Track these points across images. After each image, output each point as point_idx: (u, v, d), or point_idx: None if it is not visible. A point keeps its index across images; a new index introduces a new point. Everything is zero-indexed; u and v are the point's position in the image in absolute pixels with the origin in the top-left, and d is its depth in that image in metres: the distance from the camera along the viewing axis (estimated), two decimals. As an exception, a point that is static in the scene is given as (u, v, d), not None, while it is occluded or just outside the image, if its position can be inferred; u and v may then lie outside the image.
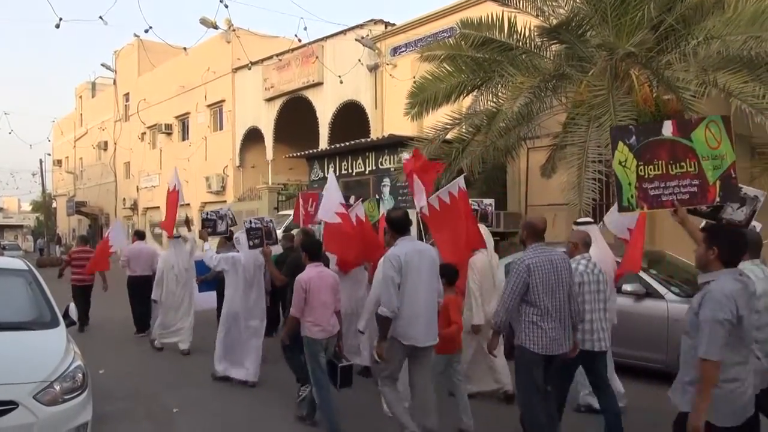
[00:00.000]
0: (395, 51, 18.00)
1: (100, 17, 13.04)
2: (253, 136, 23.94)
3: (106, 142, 35.10)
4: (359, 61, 18.14)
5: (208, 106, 26.21)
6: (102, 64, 30.75)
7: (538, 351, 4.10)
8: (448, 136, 11.16)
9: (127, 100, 33.13)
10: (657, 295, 6.65)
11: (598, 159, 8.35)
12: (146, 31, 13.32)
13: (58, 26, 11.76)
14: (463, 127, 11.04)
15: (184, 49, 16.24)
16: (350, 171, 15.67)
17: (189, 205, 24.42)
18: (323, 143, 19.56)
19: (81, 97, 39.89)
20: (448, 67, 10.72)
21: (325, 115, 20.24)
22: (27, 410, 3.74)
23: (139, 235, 10.69)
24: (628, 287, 6.61)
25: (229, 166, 25.07)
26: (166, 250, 9.03)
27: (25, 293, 5.04)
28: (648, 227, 7.14)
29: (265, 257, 6.85)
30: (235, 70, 24.21)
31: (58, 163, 43.97)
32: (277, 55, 21.29)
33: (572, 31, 9.46)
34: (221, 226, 8.16)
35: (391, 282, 4.36)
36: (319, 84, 20.26)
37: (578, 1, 9.47)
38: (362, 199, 7.81)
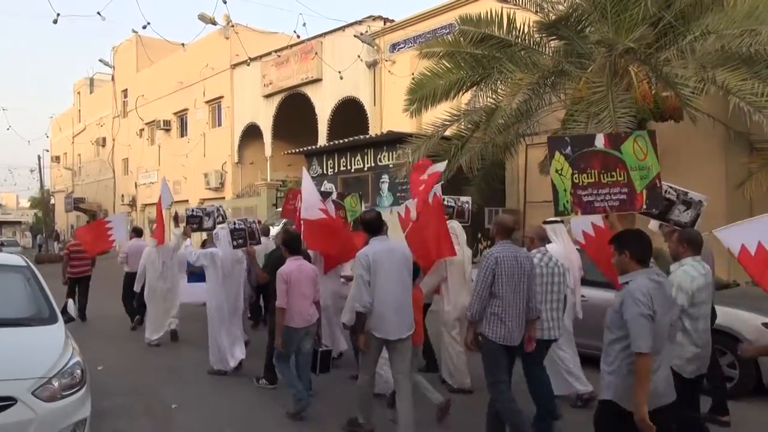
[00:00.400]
0: (394, 47, 17.98)
1: (98, 13, 13.09)
2: (252, 133, 23.92)
3: (105, 139, 35.11)
4: (358, 57, 18.13)
5: (207, 102, 26.19)
6: (100, 60, 30.81)
7: (497, 340, 4.36)
8: (447, 133, 11.18)
9: (126, 97, 33.10)
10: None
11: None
12: (144, 27, 13.38)
13: (55, 22, 11.77)
14: (462, 123, 11.06)
15: (183, 45, 16.24)
16: (349, 167, 15.68)
17: (188, 201, 24.43)
18: (322, 140, 19.55)
19: (79, 93, 39.85)
20: (447, 64, 10.71)
21: (323, 111, 20.24)
22: (26, 406, 3.74)
23: (137, 232, 10.69)
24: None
25: (228, 163, 25.06)
26: (149, 246, 9.08)
27: (24, 289, 5.04)
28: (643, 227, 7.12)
29: (248, 256, 7.11)
30: (234, 66, 24.18)
31: (57, 159, 43.98)
32: (276, 52, 21.24)
33: (571, 27, 9.46)
34: (208, 223, 8.33)
35: (360, 279, 4.68)
36: (318, 80, 20.26)
37: (577, -2, 9.46)
38: (334, 197, 7.95)
